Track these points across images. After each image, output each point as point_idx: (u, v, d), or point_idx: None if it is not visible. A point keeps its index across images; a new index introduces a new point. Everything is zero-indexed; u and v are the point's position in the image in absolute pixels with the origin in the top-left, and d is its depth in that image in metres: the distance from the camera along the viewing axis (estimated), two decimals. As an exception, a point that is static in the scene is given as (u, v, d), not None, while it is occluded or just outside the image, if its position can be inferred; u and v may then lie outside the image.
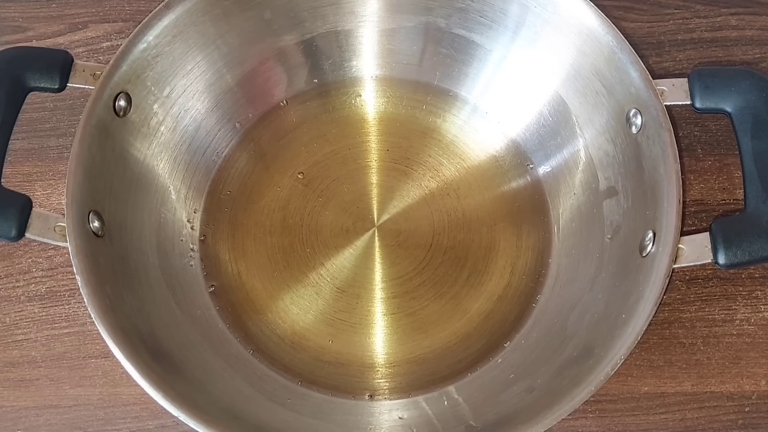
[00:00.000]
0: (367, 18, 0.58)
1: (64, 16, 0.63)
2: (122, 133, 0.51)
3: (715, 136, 0.59)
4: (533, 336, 0.53)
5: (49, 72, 0.49)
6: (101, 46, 0.62)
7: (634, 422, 0.52)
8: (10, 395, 0.53)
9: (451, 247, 0.56)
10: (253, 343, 0.53)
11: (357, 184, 0.58)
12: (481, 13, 0.56)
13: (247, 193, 0.57)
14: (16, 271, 0.56)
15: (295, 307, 0.55)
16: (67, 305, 0.55)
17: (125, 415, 0.52)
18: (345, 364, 0.53)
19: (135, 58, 0.50)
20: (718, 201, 0.57)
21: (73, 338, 0.54)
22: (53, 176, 0.58)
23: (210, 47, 0.55)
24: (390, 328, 0.54)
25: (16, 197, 0.46)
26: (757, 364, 0.53)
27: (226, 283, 0.55)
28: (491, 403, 0.49)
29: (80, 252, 0.45)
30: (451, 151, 0.59)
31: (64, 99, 0.60)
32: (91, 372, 0.53)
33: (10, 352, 0.54)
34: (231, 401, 0.48)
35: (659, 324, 0.54)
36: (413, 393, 0.52)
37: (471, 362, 0.53)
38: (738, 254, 0.45)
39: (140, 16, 0.58)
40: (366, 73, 0.61)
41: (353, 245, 0.56)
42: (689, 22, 0.63)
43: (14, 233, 0.45)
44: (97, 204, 0.48)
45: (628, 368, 0.53)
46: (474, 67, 0.59)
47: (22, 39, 0.62)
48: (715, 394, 0.53)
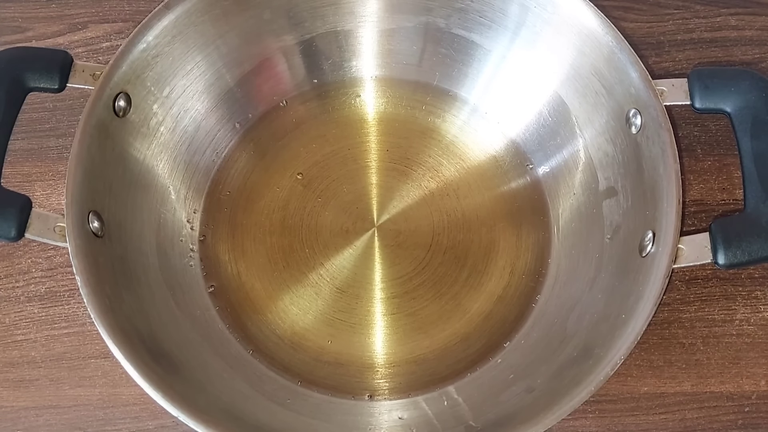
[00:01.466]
0: (366, 18, 0.58)
1: (64, 17, 0.63)
2: (122, 133, 0.51)
3: (715, 137, 0.59)
4: (533, 336, 0.53)
5: (49, 72, 0.49)
6: (101, 47, 0.62)
7: (633, 422, 0.52)
8: (9, 395, 0.53)
9: (451, 247, 0.56)
10: (252, 343, 0.53)
11: (357, 184, 0.58)
12: (481, 13, 0.56)
13: (246, 194, 0.57)
14: (15, 272, 0.56)
15: (294, 307, 0.55)
16: (67, 305, 0.55)
17: (125, 416, 0.52)
18: (345, 364, 0.53)
19: (135, 59, 0.50)
20: (717, 201, 0.57)
21: (73, 338, 0.54)
22: (53, 176, 0.58)
23: (209, 47, 0.55)
24: (390, 328, 0.54)
25: (16, 197, 0.46)
26: (756, 364, 0.53)
27: (226, 283, 0.55)
28: (491, 404, 0.49)
29: (80, 252, 0.45)
30: (450, 151, 0.59)
31: (63, 99, 0.60)
32: (90, 372, 0.53)
33: (10, 352, 0.54)
34: (230, 401, 0.48)
35: (659, 324, 0.54)
36: (413, 393, 0.52)
37: (471, 362, 0.53)
38: (738, 254, 0.45)
39: (140, 16, 0.58)
40: (366, 73, 0.61)
41: (353, 245, 0.56)
42: (689, 23, 0.63)
43: (14, 233, 0.45)
44: (97, 204, 0.48)
45: (628, 368, 0.53)
46: (474, 68, 0.59)
47: (22, 39, 0.62)
48: (715, 394, 0.53)
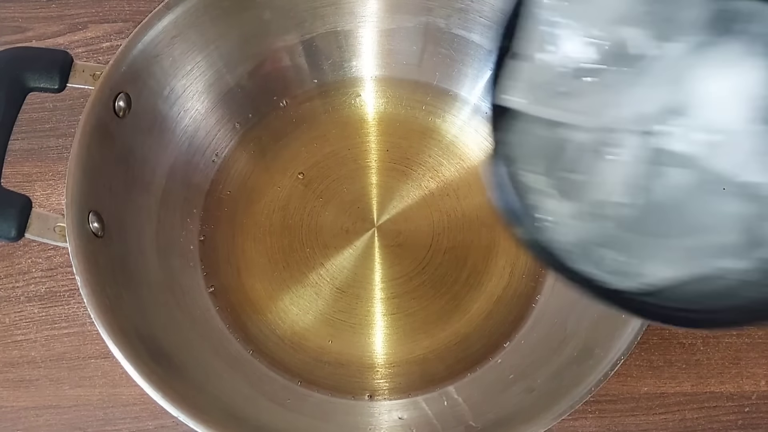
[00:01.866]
0: (366, 18, 0.58)
1: (64, 17, 0.63)
2: (122, 133, 0.51)
3: None
4: (533, 336, 0.53)
5: (49, 72, 0.48)
6: (101, 47, 0.62)
7: (633, 422, 0.52)
8: (9, 395, 0.53)
9: (451, 247, 0.56)
10: (252, 343, 0.53)
11: (357, 184, 0.58)
12: (481, 13, 0.56)
13: (246, 194, 0.57)
14: (15, 272, 0.56)
15: (294, 307, 0.55)
16: (67, 305, 0.55)
17: (125, 416, 0.52)
18: (345, 364, 0.53)
19: (135, 59, 0.50)
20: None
21: (73, 338, 0.54)
22: (53, 176, 0.58)
23: (210, 47, 0.55)
24: (390, 328, 0.54)
25: (16, 197, 0.46)
26: (756, 364, 0.53)
27: (226, 283, 0.55)
28: (491, 404, 0.49)
29: (80, 252, 0.45)
30: (450, 151, 0.59)
31: (63, 99, 0.60)
32: (90, 372, 0.53)
33: (10, 352, 0.54)
34: (230, 401, 0.48)
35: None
36: (413, 393, 0.52)
37: (471, 362, 0.52)
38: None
39: (140, 16, 0.58)
40: (366, 73, 0.61)
41: (353, 245, 0.56)
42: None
43: (14, 233, 0.45)
44: (97, 204, 0.48)
45: (628, 368, 0.53)
46: (474, 67, 0.59)
47: (22, 39, 0.62)
48: (715, 395, 0.53)
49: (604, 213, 0.28)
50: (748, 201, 0.27)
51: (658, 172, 0.27)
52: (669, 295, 0.28)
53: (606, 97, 0.27)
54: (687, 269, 0.28)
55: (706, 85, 0.27)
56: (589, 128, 0.28)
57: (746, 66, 0.27)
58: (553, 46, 0.28)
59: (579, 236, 0.28)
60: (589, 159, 0.27)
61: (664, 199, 0.28)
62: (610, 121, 0.28)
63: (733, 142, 0.26)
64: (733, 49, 0.27)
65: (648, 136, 0.27)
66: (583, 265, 0.28)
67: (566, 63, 0.28)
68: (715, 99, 0.27)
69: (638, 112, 0.27)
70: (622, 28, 0.27)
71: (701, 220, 0.28)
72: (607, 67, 0.27)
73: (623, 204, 0.27)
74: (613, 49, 0.27)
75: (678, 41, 0.27)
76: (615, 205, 0.27)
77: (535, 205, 0.28)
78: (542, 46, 0.28)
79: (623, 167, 0.27)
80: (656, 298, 0.28)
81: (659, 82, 0.27)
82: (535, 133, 0.29)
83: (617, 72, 0.27)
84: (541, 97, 0.28)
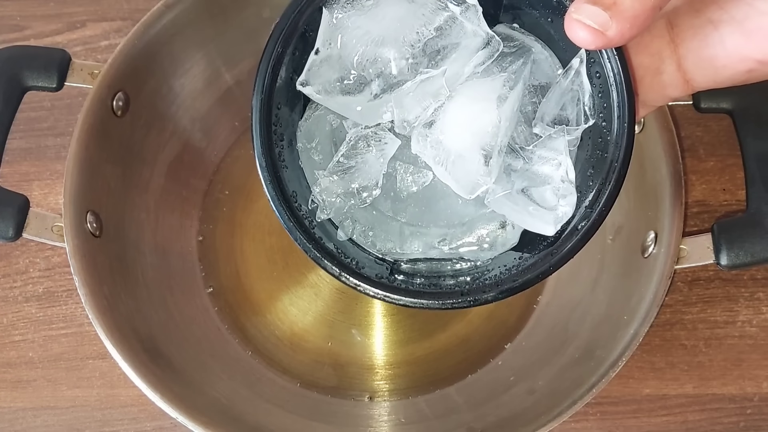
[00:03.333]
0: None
1: (62, 15, 0.63)
2: (120, 132, 0.51)
3: (718, 137, 0.59)
4: (534, 338, 0.52)
5: (47, 71, 0.48)
6: (99, 45, 0.62)
7: (635, 424, 0.52)
8: (6, 396, 0.53)
9: (452, 247, 0.56)
10: (251, 344, 0.53)
11: (357, 184, 0.58)
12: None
13: (245, 193, 0.57)
14: (13, 272, 0.56)
15: (294, 308, 0.54)
16: (65, 306, 0.55)
17: (123, 417, 0.52)
18: (344, 365, 0.53)
19: (133, 57, 0.50)
20: (720, 202, 0.57)
21: (71, 339, 0.54)
22: (51, 176, 0.58)
23: (208, 46, 0.54)
24: (390, 329, 0.54)
25: (14, 197, 0.46)
26: (759, 366, 0.53)
27: (225, 283, 0.55)
28: (492, 405, 0.49)
29: (78, 252, 0.45)
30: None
31: (61, 98, 0.59)
32: (88, 373, 0.53)
33: (7, 352, 0.54)
34: (229, 403, 0.48)
35: (661, 325, 0.54)
36: (413, 394, 0.52)
37: (471, 364, 0.52)
38: (740, 255, 0.45)
39: (138, 14, 0.58)
40: (366, 72, 0.60)
41: (353, 246, 0.56)
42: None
43: (11, 233, 0.45)
44: (95, 204, 0.48)
45: (630, 370, 0.53)
46: (474, 67, 0.58)
47: (20, 38, 0.62)
48: (717, 396, 0.52)
49: (364, 197, 0.33)
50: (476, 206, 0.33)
51: (406, 169, 0.33)
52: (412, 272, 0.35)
53: (379, 100, 0.32)
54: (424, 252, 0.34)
55: (450, 107, 0.31)
56: (359, 123, 0.33)
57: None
58: (334, 43, 0.32)
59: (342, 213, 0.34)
60: (362, 148, 0.32)
61: (408, 190, 0.33)
62: (377, 119, 0.32)
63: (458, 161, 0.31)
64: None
65: (406, 140, 0.32)
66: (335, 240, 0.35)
67: (346, 64, 0.32)
68: (452, 122, 0.31)
69: (401, 118, 0.32)
70: (383, 48, 0.31)
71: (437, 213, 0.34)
72: (374, 78, 0.32)
73: (379, 191, 0.33)
74: (378, 65, 0.31)
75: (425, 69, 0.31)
76: (373, 191, 0.33)
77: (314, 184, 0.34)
78: (326, 42, 0.32)
79: (383, 161, 0.32)
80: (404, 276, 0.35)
81: (418, 97, 0.31)
82: (325, 119, 0.34)
83: (383, 80, 0.32)
84: (329, 89, 0.32)
